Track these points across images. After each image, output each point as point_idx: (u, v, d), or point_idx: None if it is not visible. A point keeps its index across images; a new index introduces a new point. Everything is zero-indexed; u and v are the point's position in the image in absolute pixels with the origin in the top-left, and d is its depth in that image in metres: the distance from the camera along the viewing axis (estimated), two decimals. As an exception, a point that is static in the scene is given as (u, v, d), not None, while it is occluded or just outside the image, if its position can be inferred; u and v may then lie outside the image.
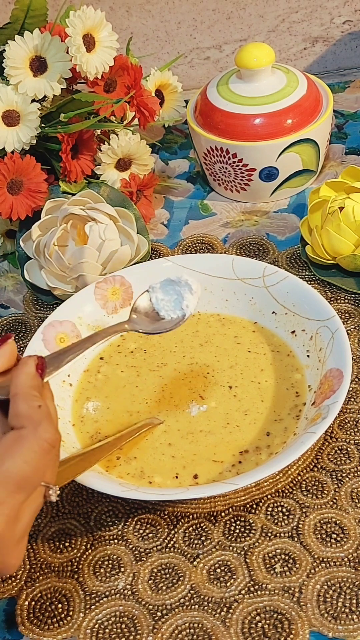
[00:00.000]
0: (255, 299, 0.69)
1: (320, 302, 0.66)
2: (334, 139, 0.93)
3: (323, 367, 0.62)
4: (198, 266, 0.71)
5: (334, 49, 1.06)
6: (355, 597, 0.52)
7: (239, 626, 0.52)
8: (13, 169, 0.72)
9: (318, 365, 0.63)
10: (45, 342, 0.64)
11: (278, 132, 0.81)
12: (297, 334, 0.66)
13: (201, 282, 0.70)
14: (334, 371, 0.61)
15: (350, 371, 0.59)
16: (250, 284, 0.70)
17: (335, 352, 0.62)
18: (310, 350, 0.65)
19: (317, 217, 0.76)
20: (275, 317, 0.68)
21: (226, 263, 0.71)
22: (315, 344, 0.64)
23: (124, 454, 0.60)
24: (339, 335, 0.63)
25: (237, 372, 0.66)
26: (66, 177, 0.77)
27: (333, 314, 0.64)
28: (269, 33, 1.04)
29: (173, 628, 0.52)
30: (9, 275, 0.82)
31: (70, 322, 0.66)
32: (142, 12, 1.02)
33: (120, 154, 0.79)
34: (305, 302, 0.67)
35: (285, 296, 0.68)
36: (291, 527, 0.57)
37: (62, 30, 0.75)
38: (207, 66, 1.07)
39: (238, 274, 0.70)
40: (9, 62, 0.72)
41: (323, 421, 0.56)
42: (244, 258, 0.72)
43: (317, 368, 0.63)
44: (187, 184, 0.90)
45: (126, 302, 0.69)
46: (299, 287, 0.68)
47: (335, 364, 0.61)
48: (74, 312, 0.67)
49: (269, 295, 0.69)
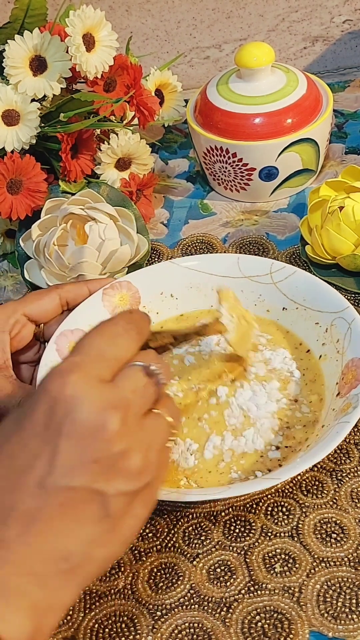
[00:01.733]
0: (264, 295, 0.69)
1: (333, 294, 0.66)
2: (333, 139, 0.93)
3: (343, 358, 0.62)
4: (203, 267, 0.71)
5: (333, 48, 1.06)
6: (355, 597, 0.52)
7: (238, 626, 0.52)
8: (13, 169, 0.72)
9: (337, 356, 0.63)
10: (59, 352, 0.64)
11: (278, 131, 0.80)
12: (310, 327, 0.67)
13: (207, 282, 0.70)
14: (356, 361, 0.61)
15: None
16: (257, 281, 0.70)
17: (355, 342, 0.62)
18: (327, 343, 0.65)
19: (317, 217, 0.76)
20: (286, 313, 0.68)
21: (232, 262, 0.71)
22: (331, 336, 0.64)
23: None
24: (356, 325, 0.63)
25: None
26: (66, 176, 0.77)
27: (347, 305, 0.64)
28: (268, 32, 1.04)
29: (173, 628, 0.52)
30: (8, 275, 0.82)
31: (82, 330, 0.66)
32: (142, 11, 1.02)
33: (120, 153, 0.79)
34: (316, 295, 0.67)
35: (295, 291, 0.68)
36: (291, 527, 0.57)
37: (61, 29, 0.75)
38: (206, 65, 1.07)
39: (245, 272, 0.70)
40: (8, 62, 0.72)
41: (355, 410, 0.56)
42: (250, 256, 0.72)
43: (335, 360, 0.63)
44: (187, 184, 0.90)
45: (134, 307, 0.69)
46: (308, 281, 0.68)
47: (357, 354, 0.61)
48: (84, 320, 0.66)
49: (278, 292, 0.69)
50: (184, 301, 0.70)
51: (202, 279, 0.70)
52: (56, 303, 0.66)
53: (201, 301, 0.70)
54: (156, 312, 0.70)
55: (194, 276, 0.70)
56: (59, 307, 0.66)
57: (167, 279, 0.70)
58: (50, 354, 0.63)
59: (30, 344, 0.66)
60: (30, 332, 0.65)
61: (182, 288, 0.70)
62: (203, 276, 0.70)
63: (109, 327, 0.45)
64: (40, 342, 0.67)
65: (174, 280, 0.70)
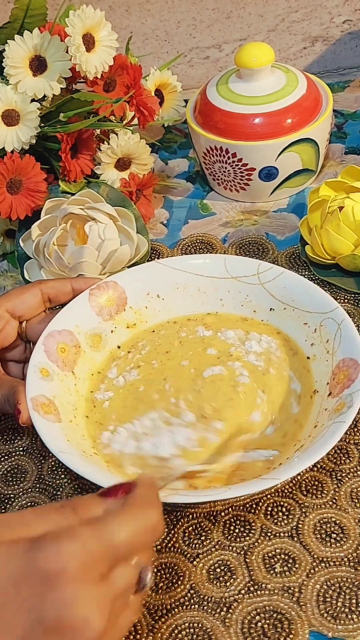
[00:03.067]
0: (251, 296, 0.69)
1: (321, 295, 0.66)
2: (333, 139, 0.93)
3: (333, 358, 0.62)
4: (190, 268, 0.70)
5: (333, 49, 1.06)
6: (355, 596, 0.52)
7: (238, 626, 0.52)
8: (12, 169, 0.72)
9: (327, 357, 0.63)
10: (48, 354, 0.64)
11: (278, 131, 0.80)
12: (298, 327, 0.67)
13: (194, 283, 0.70)
14: (347, 361, 0.61)
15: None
16: (244, 281, 0.70)
17: (345, 342, 0.62)
18: (316, 343, 0.65)
19: (317, 217, 0.76)
20: (274, 314, 0.68)
21: (218, 263, 0.71)
22: (320, 336, 0.64)
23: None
24: (345, 325, 0.63)
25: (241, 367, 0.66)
26: (66, 176, 0.77)
27: (336, 305, 0.64)
28: (268, 32, 1.04)
29: (172, 628, 0.52)
30: (8, 275, 0.82)
31: (68, 331, 0.66)
32: (142, 11, 1.02)
33: (120, 153, 0.79)
34: (305, 296, 0.67)
35: (283, 292, 0.68)
36: (291, 527, 0.57)
37: (61, 29, 0.75)
38: (206, 65, 1.07)
39: (232, 273, 0.70)
40: (8, 62, 0.72)
41: (349, 410, 0.56)
42: (237, 257, 0.72)
43: (325, 360, 0.63)
44: (187, 184, 0.90)
45: (120, 307, 0.69)
46: (296, 281, 0.68)
47: (348, 354, 0.61)
48: (71, 321, 0.67)
49: (265, 292, 0.69)
50: (171, 302, 0.70)
51: (189, 279, 0.70)
52: (38, 299, 0.65)
53: (188, 302, 0.70)
54: (142, 314, 0.70)
55: (181, 277, 0.70)
56: (42, 304, 0.65)
57: (153, 279, 0.70)
58: (38, 355, 0.63)
59: (15, 343, 0.66)
60: (14, 328, 0.65)
61: (169, 289, 0.70)
62: (190, 277, 0.70)
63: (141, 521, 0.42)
64: (24, 341, 0.67)
65: (161, 281, 0.70)
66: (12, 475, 0.63)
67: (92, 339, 0.67)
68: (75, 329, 0.67)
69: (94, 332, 0.68)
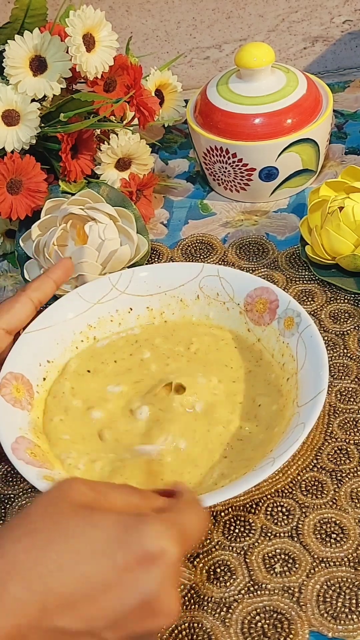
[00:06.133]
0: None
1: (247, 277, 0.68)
2: (333, 139, 0.93)
3: (234, 302, 0.67)
4: (126, 287, 0.69)
5: (333, 49, 1.06)
6: (355, 597, 0.52)
7: (238, 626, 0.52)
8: (13, 169, 0.72)
9: (230, 303, 0.67)
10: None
11: (278, 131, 0.80)
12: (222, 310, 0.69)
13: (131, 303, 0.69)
14: (258, 290, 0.66)
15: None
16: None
17: (234, 287, 0.67)
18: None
19: (317, 217, 0.76)
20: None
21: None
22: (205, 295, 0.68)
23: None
24: (223, 272, 0.67)
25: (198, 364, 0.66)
26: (66, 176, 0.77)
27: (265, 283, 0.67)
28: (268, 33, 1.04)
29: (173, 628, 0.52)
30: (8, 275, 0.82)
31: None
32: (142, 11, 1.02)
33: (120, 153, 0.79)
34: (220, 283, 0.68)
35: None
36: (291, 527, 0.57)
37: (61, 29, 0.75)
38: (206, 66, 1.07)
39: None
40: (8, 62, 0.72)
41: (301, 318, 0.62)
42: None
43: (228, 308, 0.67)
44: (187, 184, 0.90)
45: (31, 393, 0.63)
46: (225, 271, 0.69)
47: (248, 290, 0.66)
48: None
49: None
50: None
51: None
52: (29, 307, 0.63)
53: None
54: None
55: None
56: (33, 310, 0.64)
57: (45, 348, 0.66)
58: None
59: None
60: (6, 343, 0.63)
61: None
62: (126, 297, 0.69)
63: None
64: None
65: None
66: (12, 475, 0.63)
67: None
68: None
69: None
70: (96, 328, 0.68)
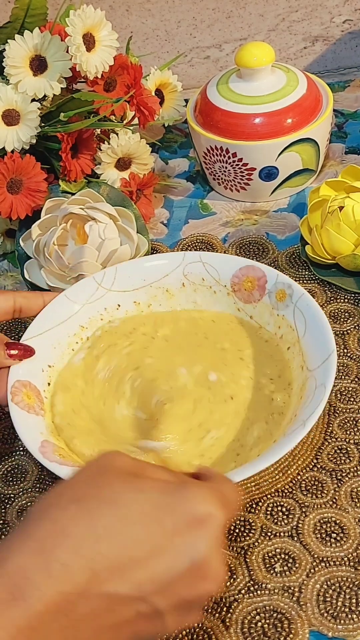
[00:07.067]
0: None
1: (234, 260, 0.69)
2: (334, 138, 0.93)
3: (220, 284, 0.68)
4: (112, 284, 0.69)
5: (334, 48, 1.06)
6: (355, 596, 0.52)
7: (238, 626, 0.52)
8: (13, 169, 0.72)
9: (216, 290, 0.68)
10: None
11: (278, 131, 0.80)
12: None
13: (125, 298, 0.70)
14: (242, 270, 0.67)
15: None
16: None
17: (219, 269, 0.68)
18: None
19: (317, 217, 0.76)
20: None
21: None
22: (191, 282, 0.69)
23: None
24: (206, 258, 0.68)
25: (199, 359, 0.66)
26: (66, 176, 0.77)
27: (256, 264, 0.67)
28: (269, 32, 1.04)
29: (173, 627, 0.52)
30: (8, 275, 0.82)
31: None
32: (142, 11, 1.02)
33: (120, 153, 0.79)
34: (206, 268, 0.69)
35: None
36: (291, 527, 0.57)
37: (62, 29, 0.75)
38: (207, 65, 1.07)
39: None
40: (8, 61, 0.72)
41: (293, 290, 0.64)
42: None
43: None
44: (187, 183, 0.90)
45: (40, 399, 0.63)
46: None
47: (234, 270, 0.67)
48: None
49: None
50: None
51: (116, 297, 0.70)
52: (9, 304, 0.63)
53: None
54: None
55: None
56: (11, 311, 0.64)
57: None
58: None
59: None
60: None
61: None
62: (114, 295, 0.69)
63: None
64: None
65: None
66: (12, 475, 0.63)
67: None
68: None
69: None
70: (88, 328, 0.68)
